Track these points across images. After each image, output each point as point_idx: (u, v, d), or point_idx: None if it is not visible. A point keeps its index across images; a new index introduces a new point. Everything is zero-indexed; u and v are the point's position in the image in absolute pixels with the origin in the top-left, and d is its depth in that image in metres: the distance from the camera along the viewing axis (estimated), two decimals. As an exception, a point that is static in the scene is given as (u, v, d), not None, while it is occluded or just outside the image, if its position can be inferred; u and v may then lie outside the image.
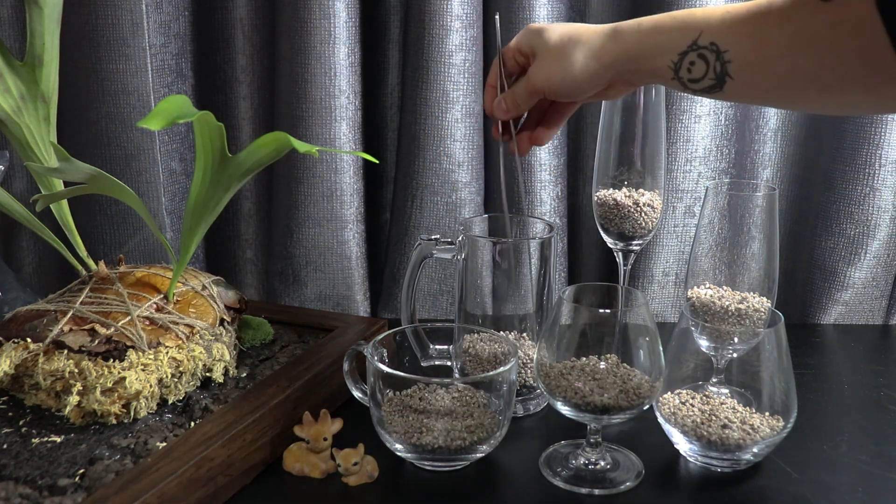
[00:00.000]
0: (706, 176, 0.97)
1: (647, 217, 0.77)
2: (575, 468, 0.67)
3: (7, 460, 0.60)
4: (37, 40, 0.68)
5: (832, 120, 0.96)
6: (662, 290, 1.00)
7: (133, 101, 0.93)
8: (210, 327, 0.73)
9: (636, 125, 0.76)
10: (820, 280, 0.99)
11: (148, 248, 0.99)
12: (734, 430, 0.65)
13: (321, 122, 0.95)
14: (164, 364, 0.67)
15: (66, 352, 0.66)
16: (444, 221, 0.98)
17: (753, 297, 0.72)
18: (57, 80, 0.71)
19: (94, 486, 0.56)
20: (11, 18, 0.97)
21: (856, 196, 0.95)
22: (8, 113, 0.68)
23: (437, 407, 0.66)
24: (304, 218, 0.98)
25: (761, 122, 0.99)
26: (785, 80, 0.53)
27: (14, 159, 0.98)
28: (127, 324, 0.68)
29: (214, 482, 0.60)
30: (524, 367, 0.75)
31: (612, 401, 0.62)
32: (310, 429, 0.65)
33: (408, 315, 0.79)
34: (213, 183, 0.66)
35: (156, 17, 0.94)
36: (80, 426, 0.65)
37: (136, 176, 0.96)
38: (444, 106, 0.94)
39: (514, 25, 0.93)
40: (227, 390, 0.71)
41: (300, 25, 0.92)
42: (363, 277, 1.02)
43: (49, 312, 0.70)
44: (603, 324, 0.64)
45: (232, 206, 1.06)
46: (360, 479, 0.64)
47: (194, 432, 0.62)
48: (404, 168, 0.98)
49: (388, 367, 0.67)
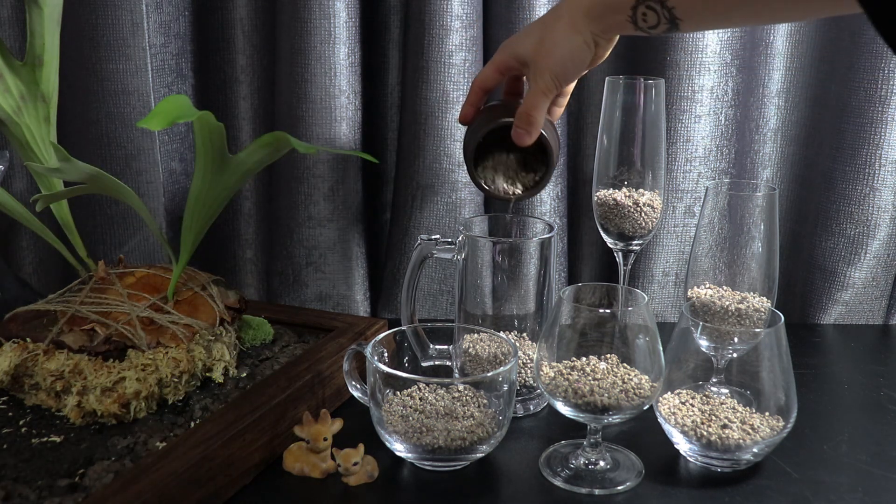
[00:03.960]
0: (706, 176, 0.97)
1: (647, 217, 0.77)
2: (575, 468, 0.67)
3: (7, 460, 0.60)
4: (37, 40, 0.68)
5: (832, 120, 0.96)
6: (662, 290, 1.00)
7: (133, 101, 0.93)
8: (210, 327, 0.73)
9: (636, 125, 0.76)
10: (820, 280, 0.99)
11: (148, 248, 0.99)
12: (734, 430, 0.65)
13: (321, 122, 0.95)
14: (164, 364, 0.67)
15: (66, 352, 0.67)
16: (444, 221, 0.98)
17: (753, 297, 0.72)
18: (57, 80, 0.71)
19: (94, 486, 0.56)
20: (11, 18, 0.97)
21: (856, 196, 0.95)
22: (8, 113, 0.68)
23: (437, 407, 0.66)
24: (304, 218, 0.98)
25: (761, 122, 0.99)
26: (735, 12, 0.58)
27: (14, 159, 0.98)
28: (127, 324, 0.68)
29: (214, 482, 0.60)
30: (524, 367, 0.75)
31: (612, 401, 0.62)
32: (310, 429, 0.65)
33: (408, 315, 0.79)
34: (213, 183, 0.66)
35: (156, 17, 0.94)
36: (80, 426, 0.65)
37: (136, 176, 0.96)
38: (444, 106, 0.94)
39: (514, 25, 0.93)
40: (227, 390, 0.71)
41: (300, 25, 0.92)
42: (363, 277, 1.02)
43: (49, 312, 0.70)
44: (603, 324, 0.64)
45: (232, 206, 1.06)
46: (360, 479, 0.64)
47: (194, 432, 0.62)
48: (404, 168, 0.98)
49: (388, 367, 0.67)
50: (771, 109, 0.99)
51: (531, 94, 0.69)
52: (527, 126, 0.70)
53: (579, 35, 0.66)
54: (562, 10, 0.67)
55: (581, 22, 0.65)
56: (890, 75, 0.90)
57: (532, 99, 0.69)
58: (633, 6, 0.60)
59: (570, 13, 0.66)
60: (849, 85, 0.93)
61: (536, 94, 0.69)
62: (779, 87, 0.99)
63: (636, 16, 0.61)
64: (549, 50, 0.67)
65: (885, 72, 0.90)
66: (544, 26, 0.68)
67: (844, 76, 0.94)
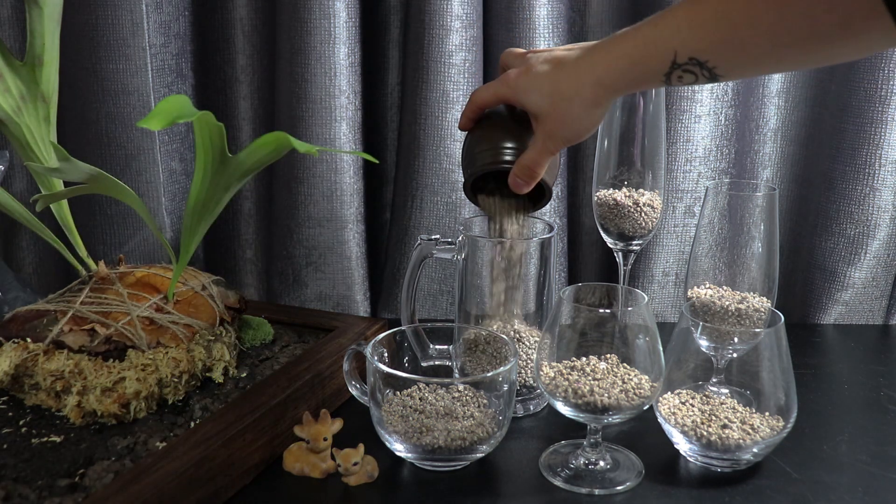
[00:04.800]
0: (706, 176, 0.97)
1: (647, 217, 0.77)
2: (575, 468, 0.67)
3: (7, 460, 0.60)
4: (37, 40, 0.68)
5: (832, 120, 0.96)
6: (662, 290, 1.00)
7: (133, 101, 0.93)
8: (210, 327, 0.73)
9: (636, 125, 0.76)
10: (820, 280, 0.99)
11: (148, 248, 0.99)
12: (734, 430, 0.65)
13: (321, 122, 0.95)
14: (164, 364, 0.67)
15: (66, 352, 0.67)
16: (444, 221, 0.98)
17: (753, 297, 0.72)
18: (57, 80, 0.71)
19: (94, 486, 0.56)
20: (11, 18, 0.97)
21: (856, 196, 0.95)
22: (8, 113, 0.68)
23: (437, 407, 0.66)
24: (304, 218, 0.98)
25: (761, 122, 0.99)
26: (774, 62, 0.54)
27: (14, 159, 0.98)
28: (127, 324, 0.68)
29: (214, 482, 0.60)
30: (524, 367, 0.75)
31: (612, 401, 0.62)
32: (310, 429, 0.65)
33: (408, 315, 0.79)
34: (213, 183, 0.66)
35: (156, 17, 0.94)
36: (80, 426, 0.65)
37: (136, 176, 0.96)
38: (444, 106, 0.94)
39: (514, 25, 0.93)
40: (227, 390, 0.71)
41: (300, 25, 0.92)
42: (363, 277, 1.02)
43: (49, 312, 0.70)
44: (603, 324, 0.64)
45: (232, 206, 1.06)
46: (360, 479, 0.64)
47: (194, 432, 0.62)
48: (404, 168, 0.98)
49: (388, 367, 0.67)
50: (771, 109, 0.99)
51: (537, 152, 0.65)
52: (527, 179, 0.66)
53: (600, 108, 0.61)
54: (583, 81, 0.60)
55: (605, 95, 0.60)
56: (890, 75, 0.90)
57: (537, 157, 0.65)
58: (667, 72, 0.55)
59: (593, 88, 0.60)
60: (849, 85, 0.93)
61: (543, 154, 0.65)
62: (779, 87, 0.99)
63: (670, 79, 0.56)
64: (564, 119, 0.62)
65: (885, 72, 0.90)
66: (561, 95, 0.61)
67: (844, 76, 0.94)
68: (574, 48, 0.62)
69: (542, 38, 0.93)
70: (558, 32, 0.94)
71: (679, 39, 0.54)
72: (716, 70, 0.54)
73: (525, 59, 0.65)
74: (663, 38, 0.55)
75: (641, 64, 0.57)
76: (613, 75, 0.59)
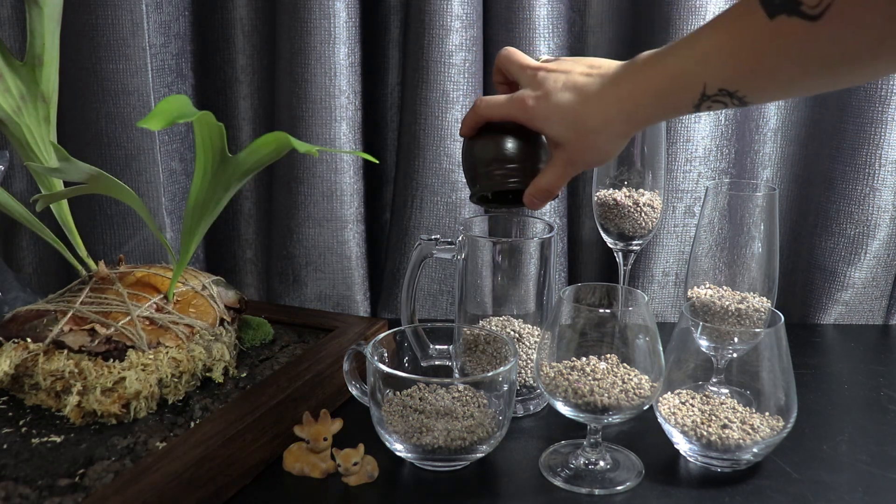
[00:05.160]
0: (706, 176, 0.97)
1: (647, 217, 0.77)
2: (575, 468, 0.67)
3: (7, 460, 0.60)
4: (37, 40, 0.68)
5: (832, 120, 0.96)
6: (662, 290, 1.00)
7: (133, 101, 0.93)
8: (210, 327, 0.73)
9: (636, 125, 0.76)
10: (820, 280, 0.99)
11: (148, 248, 0.99)
12: (734, 430, 0.65)
13: (321, 122, 0.95)
14: (164, 364, 0.67)
15: (66, 352, 0.66)
16: (444, 221, 0.98)
17: (753, 297, 0.72)
18: (57, 80, 0.71)
19: (94, 486, 0.56)
20: (11, 18, 0.97)
21: (856, 196, 0.95)
22: (8, 113, 0.68)
23: (437, 407, 0.66)
24: (304, 218, 0.98)
25: (761, 122, 0.99)
26: (803, 87, 0.53)
27: (14, 159, 0.98)
28: (127, 324, 0.68)
29: (214, 482, 0.60)
30: (524, 367, 0.75)
31: (612, 401, 0.62)
32: (310, 429, 0.65)
33: (408, 315, 0.79)
34: (213, 183, 0.66)
35: (156, 17, 0.94)
36: (80, 426, 0.65)
37: (136, 176, 0.96)
38: (444, 106, 0.94)
39: (514, 25, 0.93)
40: (227, 390, 0.71)
41: (300, 25, 0.92)
42: (363, 277, 1.02)
43: (49, 312, 0.70)
44: (603, 324, 0.64)
45: (232, 206, 1.06)
46: (360, 479, 0.64)
47: (194, 432, 0.62)
48: (404, 168, 0.98)
49: (388, 367, 0.67)
50: (771, 109, 0.99)
51: (557, 176, 0.63)
52: (544, 200, 0.65)
53: (625, 139, 0.60)
54: (611, 115, 0.58)
55: (634, 128, 0.60)
56: (890, 75, 0.90)
57: (556, 181, 0.63)
58: (697, 103, 0.54)
59: (622, 124, 0.58)
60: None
61: (563, 178, 0.63)
62: (779, 87, 0.99)
63: (700, 108, 0.54)
64: (589, 149, 0.61)
65: (885, 72, 0.90)
66: (587, 129, 0.60)
67: (844, 76, 0.94)
68: (592, 73, 0.60)
69: (542, 38, 0.93)
70: (558, 32, 0.95)
71: (708, 71, 0.53)
72: (746, 98, 0.53)
73: (537, 80, 0.61)
74: (691, 71, 0.53)
75: (671, 97, 0.55)
76: (643, 111, 0.57)
